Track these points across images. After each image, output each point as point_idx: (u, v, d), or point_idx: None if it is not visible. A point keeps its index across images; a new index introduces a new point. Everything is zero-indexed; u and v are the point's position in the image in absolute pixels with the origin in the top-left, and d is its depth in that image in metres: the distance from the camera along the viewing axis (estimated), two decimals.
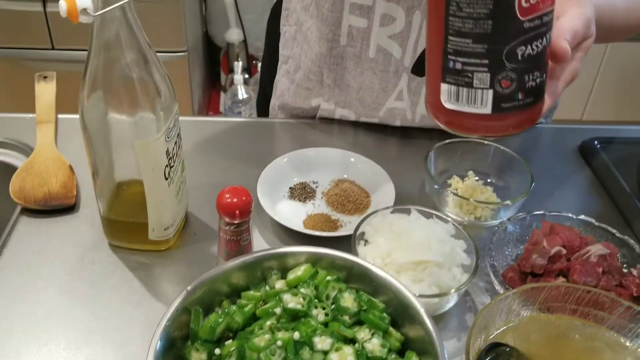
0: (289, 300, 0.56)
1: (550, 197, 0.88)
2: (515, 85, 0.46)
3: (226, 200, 0.67)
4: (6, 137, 0.92)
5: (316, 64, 0.92)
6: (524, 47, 0.45)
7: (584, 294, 0.60)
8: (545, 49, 0.47)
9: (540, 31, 0.45)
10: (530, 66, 0.46)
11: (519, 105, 0.47)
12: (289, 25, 0.95)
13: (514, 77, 0.46)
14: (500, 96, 0.46)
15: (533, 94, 0.48)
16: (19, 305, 0.69)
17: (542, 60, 0.47)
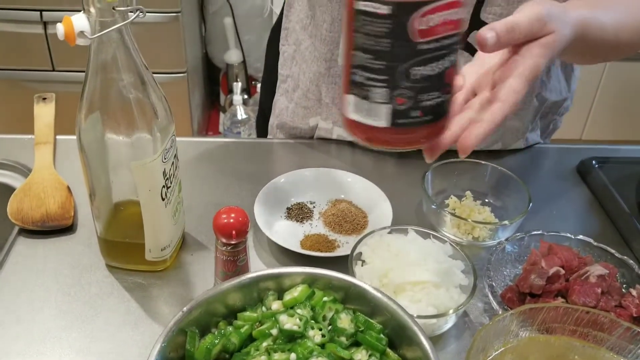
0: (286, 321, 0.55)
1: (548, 217, 0.87)
2: (411, 103, 0.47)
3: (223, 220, 0.66)
4: (5, 157, 0.92)
5: (314, 83, 0.93)
6: (420, 68, 0.46)
7: (583, 315, 0.59)
8: (446, 71, 0.48)
9: (438, 54, 0.46)
10: (427, 86, 0.47)
11: (416, 122, 0.49)
12: (288, 45, 0.95)
13: (410, 95, 0.47)
14: (396, 112, 0.48)
15: (431, 113, 0.49)
16: (15, 326, 0.69)
17: (442, 81, 0.48)
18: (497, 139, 0.97)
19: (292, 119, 0.99)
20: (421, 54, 0.46)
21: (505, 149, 1.00)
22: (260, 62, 2.59)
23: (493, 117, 0.59)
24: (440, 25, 0.45)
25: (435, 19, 0.45)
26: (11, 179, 0.91)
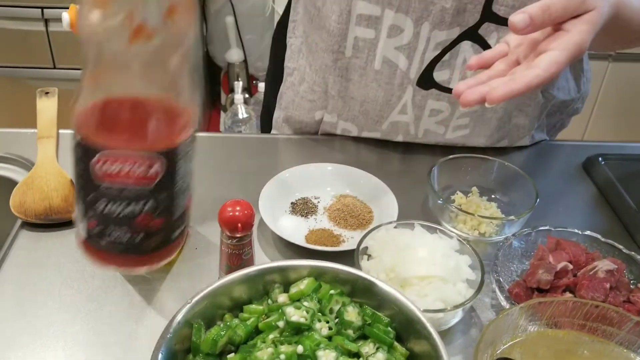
0: (292, 313, 0.55)
1: (555, 213, 0.87)
2: (98, 230, 0.51)
3: (228, 213, 0.66)
4: (7, 152, 0.91)
5: (320, 75, 0.92)
6: (104, 203, 0.49)
7: (592, 309, 0.59)
8: (137, 215, 0.50)
9: (122, 195, 0.49)
10: (113, 222, 0.50)
11: (107, 247, 0.52)
12: (295, 38, 0.95)
13: (99, 222, 0.50)
14: (89, 232, 0.52)
15: (121, 244, 0.51)
16: (19, 320, 0.68)
17: (133, 222, 0.50)
18: (503, 135, 0.97)
19: (298, 112, 0.99)
20: (103, 194, 0.49)
21: (511, 145, 0.99)
22: (261, 61, 2.58)
23: (528, 80, 0.58)
24: (121, 175, 0.48)
25: (113, 169, 0.48)
26: (14, 173, 0.90)
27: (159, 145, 0.48)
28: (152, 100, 0.48)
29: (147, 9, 0.43)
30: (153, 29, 0.44)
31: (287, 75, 0.98)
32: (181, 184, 0.53)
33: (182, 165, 0.51)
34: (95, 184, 0.48)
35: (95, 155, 0.47)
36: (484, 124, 0.94)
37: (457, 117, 0.91)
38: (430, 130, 0.94)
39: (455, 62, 0.85)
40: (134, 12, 0.43)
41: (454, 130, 0.94)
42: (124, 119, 0.48)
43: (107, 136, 0.47)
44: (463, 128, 0.94)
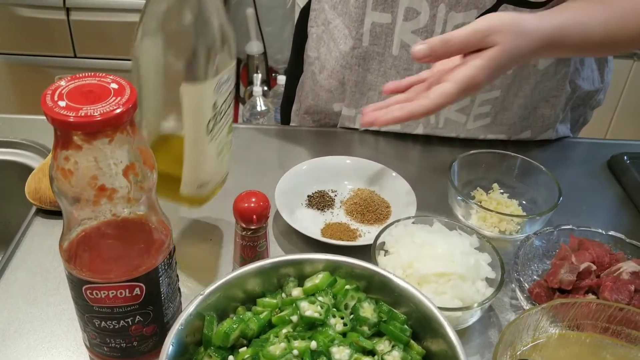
0: (306, 308, 0.54)
1: (577, 212, 0.85)
2: (98, 340, 0.57)
3: (243, 204, 0.65)
4: (23, 138, 0.91)
5: (339, 63, 0.91)
6: (98, 321, 0.55)
7: (616, 312, 0.57)
8: (129, 327, 0.56)
9: (112, 314, 0.54)
10: (109, 335, 0.56)
11: (106, 355, 0.59)
12: (317, 26, 0.94)
13: (96, 334, 0.57)
14: (90, 341, 0.58)
15: (118, 352, 0.58)
16: (30, 306, 0.68)
17: (126, 333, 0.56)
18: (527, 126, 0.95)
19: (317, 102, 0.97)
20: (96, 313, 0.54)
21: (534, 138, 0.97)
22: (281, 53, 2.57)
23: (412, 109, 0.65)
24: (109, 299, 0.53)
25: (101, 295, 0.53)
26: (30, 159, 0.90)
27: (139, 271, 0.53)
28: (126, 235, 0.53)
29: (105, 174, 0.48)
30: (114, 188, 0.49)
31: (308, 64, 0.97)
32: (168, 292, 0.58)
33: (165, 279, 0.56)
34: (88, 306, 0.54)
35: (83, 286, 0.53)
36: (505, 112, 0.92)
37: (478, 104, 0.90)
38: (451, 120, 0.92)
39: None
40: (96, 177, 0.48)
41: (475, 119, 0.92)
42: (102, 256, 0.54)
43: (89, 272, 0.52)
44: (484, 117, 0.92)
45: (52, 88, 0.48)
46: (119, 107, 0.47)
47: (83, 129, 0.46)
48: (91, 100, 0.47)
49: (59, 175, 0.49)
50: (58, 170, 0.49)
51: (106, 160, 0.48)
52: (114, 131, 0.47)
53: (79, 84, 0.49)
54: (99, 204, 0.50)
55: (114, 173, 0.49)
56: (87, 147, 0.47)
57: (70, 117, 0.45)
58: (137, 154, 0.50)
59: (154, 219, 0.55)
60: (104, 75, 0.50)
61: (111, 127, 0.47)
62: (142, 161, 0.50)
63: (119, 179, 0.49)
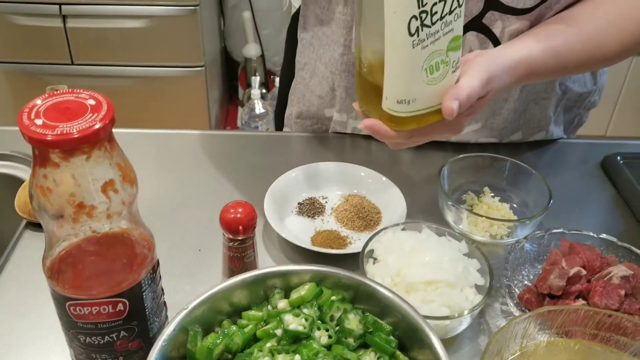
0: (291, 321, 0.53)
1: (570, 214, 0.84)
2: (84, 356, 0.57)
3: (229, 215, 0.65)
4: (14, 150, 0.91)
5: (329, 69, 0.91)
6: (83, 337, 0.55)
7: (605, 318, 0.56)
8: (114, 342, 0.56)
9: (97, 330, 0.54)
10: (94, 351, 0.56)
11: None
12: (306, 32, 0.94)
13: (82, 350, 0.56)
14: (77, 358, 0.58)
15: None
16: (20, 319, 0.68)
17: (111, 348, 0.56)
18: (517, 127, 0.94)
19: (308, 108, 0.98)
20: (81, 329, 0.54)
21: (526, 139, 0.96)
22: (278, 55, 2.57)
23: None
24: (92, 315, 0.53)
25: (84, 311, 0.53)
26: (21, 171, 0.90)
27: (122, 286, 0.53)
28: (108, 250, 0.53)
29: (83, 191, 0.48)
30: (93, 205, 0.49)
31: (298, 69, 0.97)
32: (152, 306, 0.57)
33: (149, 293, 0.56)
34: (73, 322, 0.54)
35: (66, 302, 0.53)
36: (496, 117, 0.91)
37: None
38: None
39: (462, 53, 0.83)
40: (74, 194, 0.48)
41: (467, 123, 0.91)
42: (84, 272, 0.53)
43: (72, 289, 0.52)
44: (475, 121, 0.92)
45: (29, 106, 0.48)
46: (96, 123, 0.46)
47: (60, 147, 0.46)
48: (68, 117, 0.47)
49: (38, 192, 0.49)
50: (37, 187, 0.49)
51: (84, 177, 0.48)
52: (91, 148, 0.47)
53: (55, 101, 0.49)
54: (78, 221, 0.50)
55: (92, 190, 0.49)
56: (65, 165, 0.47)
57: (47, 135, 0.45)
58: (116, 169, 0.50)
59: (136, 233, 0.55)
60: (81, 91, 0.50)
61: (88, 144, 0.47)
62: (121, 176, 0.50)
63: (98, 195, 0.49)
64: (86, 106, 0.48)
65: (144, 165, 0.77)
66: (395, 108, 0.62)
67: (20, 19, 2.08)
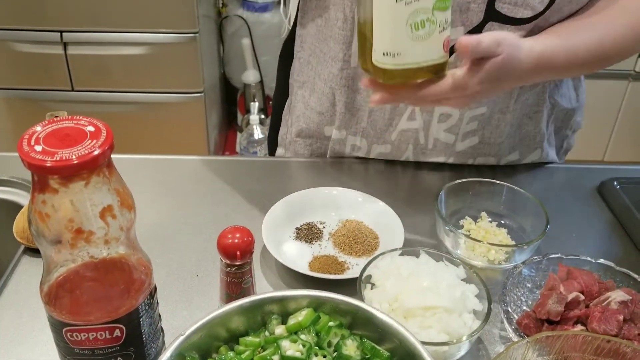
0: (288, 347, 0.53)
1: (567, 239, 0.84)
2: None
3: (227, 240, 0.65)
4: (13, 175, 0.92)
5: (328, 85, 0.93)
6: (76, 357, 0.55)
7: (604, 344, 0.56)
8: None
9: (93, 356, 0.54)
10: None
11: None
12: (304, 51, 0.96)
13: None
14: None
15: None
16: (17, 346, 0.67)
17: None
18: (514, 146, 0.95)
19: (308, 125, 0.99)
20: (77, 354, 0.54)
21: (523, 160, 0.98)
22: None
23: None
24: (89, 341, 0.53)
25: (81, 337, 0.53)
26: (19, 197, 0.90)
27: (119, 312, 0.53)
28: (106, 276, 0.53)
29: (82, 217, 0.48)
30: (91, 230, 0.49)
31: (297, 88, 0.99)
32: (149, 332, 0.57)
33: (146, 319, 0.56)
34: (69, 348, 0.54)
35: (63, 328, 0.53)
36: (493, 130, 0.92)
37: (466, 122, 0.90)
38: (440, 140, 0.93)
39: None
40: (72, 220, 0.48)
41: (464, 138, 0.93)
42: (81, 298, 0.53)
43: (69, 315, 0.52)
44: (472, 135, 0.93)
45: (29, 133, 0.49)
46: (95, 149, 0.47)
47: (59, 173, 0.46)
48: (67, 143, 0.47)
49: (37, 218, 0.49)
50: (35, 213, 0.49)
51: (83, 202, 0.48)
52: (90, 174, 0.48)
53: (55, 127, 0.49)
54: (76, 247, 0.50)
55: (91, 215, 0.49)
56: (64, 190, 0.47)
57: (46, 161, 0.46)
58: (114, 195, 0.50)
59: (134, 259, 0.55)
60: (80, 117, 0.51)
61: (87, 170, 0.47)
62: (119, 202, 0.51)
63: (97, 221, 0.49)
64: (85, 133, 0.49)
65: (142, 191, 0.77)
66: (382, 60, 0.65)
67: (21, 46, 2.10)
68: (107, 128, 0.50)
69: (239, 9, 2.46)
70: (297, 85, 0.99)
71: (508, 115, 0.91)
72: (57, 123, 0.50)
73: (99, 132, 0.49)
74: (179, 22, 2.06)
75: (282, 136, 1.06)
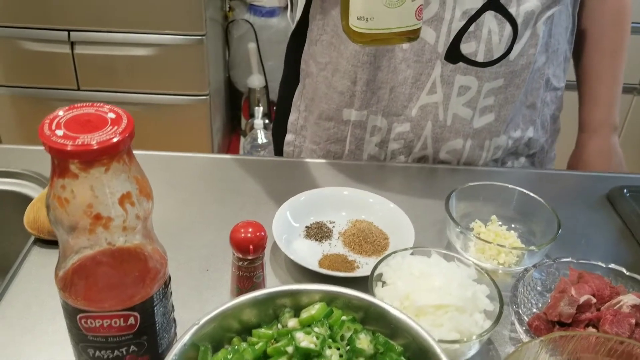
0: (302, 338, 0.53)
1: (577, 246, 0.84)
2: None
3: (240, 234, 0.65)
4: (23, 168, 0.92)
5: (351, 62, 0.94)
6: (92, 350, 0.55)
7: (617, 345, 0.56)
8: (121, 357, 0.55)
9: (106, 344, 0.54)
10: None
11: None
12: (326, 34, 0.97)
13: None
14: None
15: None
16: (26, 334, 0.67)
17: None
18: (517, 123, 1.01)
19: (329, 106, 1.00)
20: (89, 341, 0.54)
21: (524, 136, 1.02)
22: None
23: None
24: (103, 328, 0.53)
25: (95, 324, 0.53)
26: (29, 189, 0.90)
27: (134, 300, 0.53)
28: (121, 264, 0.53)
29: (101, 203, 0.48)
30: (110, 216, 0.49)
31: (319, 70, 1.00)
32: (162, 322, 0.58)
33: (160, 308, 0.57)
34: (83, 335, 0.54)
35: (77, 314, 0.53)
36: (507, 105, 0.95)
37: (483, 95, 0.93)
38: (459, 116, 0.94)
39: (481, 34, 0.87)
40: (91, 205, 0.48)
41: (481, 114, 0.95)
42: (97, 284, 0.53)
43: (84, 301, 0.52)
44: (489, 111, 0.95)
45: (50, 117, 0.49)
46: (116, 136, 0.47)
47: (80, 158, 0.46)
48: (88, 129, 0.47)
49: (56, 203, 0.49)
50: (54, 198, 0.49)
51: (102, 188, 0.48)
52: (110, 160, 0.48)
53: (76, 113, 0.49)
54: (94, 233, 0.50)
55: (109, 202, 0.49)
56: (84, 176, 0.47)
57: (67, 145, 0.46)
58: (133, 182, 0.50)
59: (150, 248, 0.55)
60: (102, 104, 0.51)
61: (108, 155, 0.47)
62: (138, 190, 0.51)
63: (115, 207, 0.49)
64: (106, 119, 0.49)
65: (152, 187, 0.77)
66: (356, 23, 0.68)
67: (29, 45, 2.11)
68: (128, 115, 0.50)
69: (245, 13, 2.47)
70: (319, 68, 1.00)
71: (521, 89, 0.94)
72: (79, 109, 0.50)
73: (120, 119, 0.49)
74: (186, 24, 2.07)
75: (293, 122, 1.07)
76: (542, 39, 0.91)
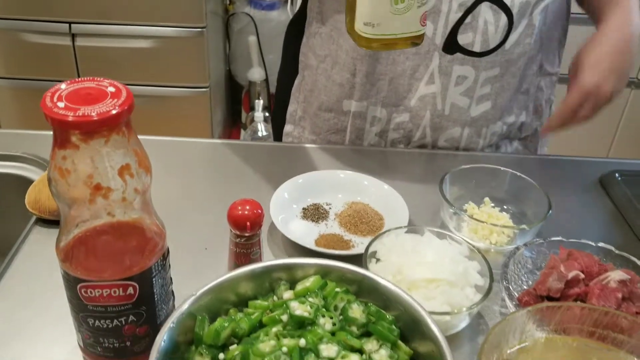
0: (296, 307, 0.55)
1: (568, 227, 0.85)
2: (92, 340, 0.58)
3: (237, 211, 0.66)
4: (25, 151, 0.93)
5: (350, 55, 0.96)
6: (92, 320, 0.56)
7: (602, 316, 0.58)
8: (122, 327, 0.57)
9: (106, 314, 0.56)
10: (102, 335, 0.57)
11: (100, 355, 0.59)
12: (325, 27, 0.99)
13: (90, 334, 0.58)
14: (84, 341, 0.59)
15: (112, 352, 0.59)
16: (27, 311, 0.69)
17: (119, 333, 0.57)
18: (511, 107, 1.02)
19: (329, 98, 1.02)
20: (90, 311, 0.56)
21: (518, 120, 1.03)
22: None
23: None
24: (103, 297, 0.55)
25: (95, 293, 0.54)
26: (30, 172, 0.92)
27: (133, 271, 0.55)
28: (121, 235, 0.55)
29: (100, 174, 0.50)
30: (109, 187, 0.51)
31: (318, 62, 1.02)
32: (161, 293, 0.59)
33: (158, 280, 0.58)
34: (83, 305, 0.55)
35: (78, 284, 0.54)
36: (503, 93, 0.97)
37: (480, 84, 0.94)
38: (456, 105, 0.96)
39: (477, 24, 0.89)
40: (92, 176, 0.50)
41: (478, 102, 0.96)
42: (97, 255, 0.55)
43: (84, 271, 0.54)
44: (486, 100, 0.96)
45: (52, 90, 0.50)
46: (115, 108, 0.49)
47: (80, 128, 0.48)
48: (89, 101, 0.49)
49: (57, 174, 0.50)
50: (56, 169, 0.50)
51: (102, 160, 0.50)
52: (110, 131, 0.49)
53: (77, 87, 0.51)
54: (94, 203, 0.51)
55: (109, 172, 0.50)
56: (84, 147, 0.49)
57: (68, 116, 0.47)
58: (132, 155, 0.52)
59: (149, 222, 0.57)
60: (102, 79, 0.52)
61: (107, 127, 0.49)
62: (137, 162, 0.52)
63: (115, 178, 0.51)
64: (106, 92, 0.50)
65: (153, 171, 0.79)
66: (362, 29, 0.70)
67: (30, 37, 2.12)
68: (127, 89, 0.51)
69: (246, 6, 2.48)
70: (318, 60, 1.02)
71: (517, 77, 0.96)
72: (80, 82, 0.52)
73: (120, 93, 0.51)
74: (186, 17, 2.08)
75: (292, 113, 1.08)
76: (537, 28, 0.93)
